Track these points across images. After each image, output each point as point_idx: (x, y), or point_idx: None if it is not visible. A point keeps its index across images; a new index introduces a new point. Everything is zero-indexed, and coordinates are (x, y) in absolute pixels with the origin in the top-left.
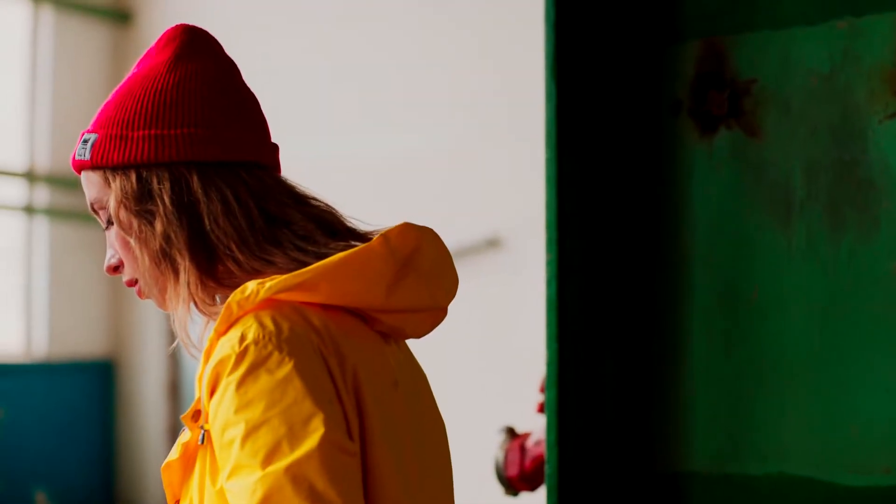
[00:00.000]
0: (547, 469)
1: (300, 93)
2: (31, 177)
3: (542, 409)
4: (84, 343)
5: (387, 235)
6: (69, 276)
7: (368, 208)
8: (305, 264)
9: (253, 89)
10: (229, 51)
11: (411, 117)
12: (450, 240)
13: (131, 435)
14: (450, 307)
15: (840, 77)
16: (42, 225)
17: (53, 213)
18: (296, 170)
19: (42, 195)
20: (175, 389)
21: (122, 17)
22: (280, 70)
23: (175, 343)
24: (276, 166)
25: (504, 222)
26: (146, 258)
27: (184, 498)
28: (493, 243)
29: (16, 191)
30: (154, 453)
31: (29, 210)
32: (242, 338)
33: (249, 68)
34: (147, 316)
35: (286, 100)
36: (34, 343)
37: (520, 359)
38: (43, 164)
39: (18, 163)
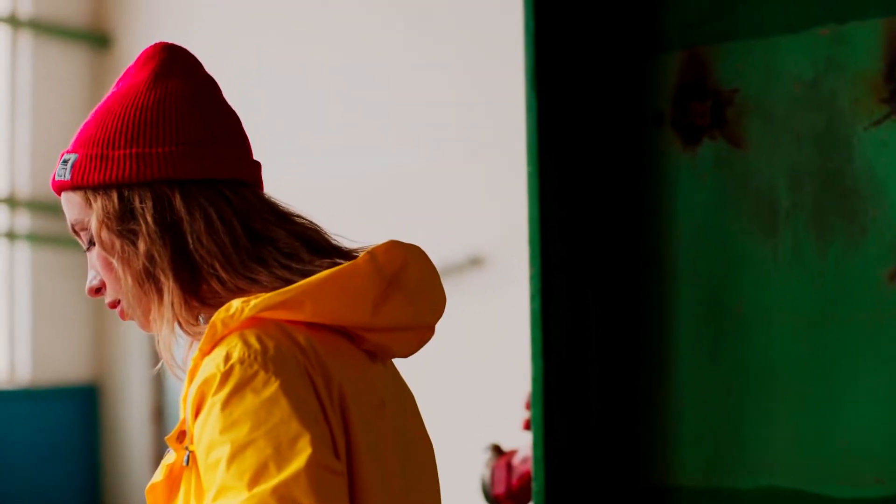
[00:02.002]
0: (534, 486)
1: (281, 113)
2: (12, 202)
3: (528, 425)
4: (68, 368)
5: (373, 253)
6: (52, 301)
7: (351, 227)
8: (290, 282)
9: (234, 110)
10: (210, 73)
11: (392, 136)
12: (433, 258)
13: (116, 459)
14: (437, 326)
15: (824, 85)
16: (24, 250)
17: (35, 238)
18: (279, 190)
19: (23, 221)
20: (159, 413)
21: (100, 41)
22: (261, 91)
23: (159, 365)
24: (259, 183)
25: (487, 240)
26: (129, 278)
27: None
28: (476, 261)
29: None
30: (139, 477)
31: (10, 236)
32: (227, 357)
33: (231, 90)
34: (131, 339)
35: (268, 121)
36: (17, 369)
37: (505, 376)
38: (24, 189)
39: None
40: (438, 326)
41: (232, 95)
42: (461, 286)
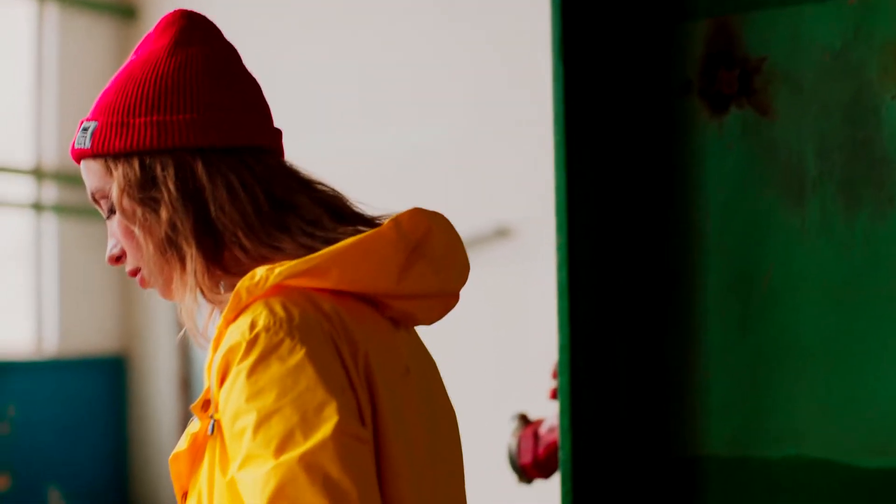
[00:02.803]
0: (561, 455)
1: (308, 89)
2: (38, 174)
3: (554, 395)
4: (94, 339)
5: (398, 220)
6: (78, 272)
7: (379, 201)
8: (314, 250)
9: (254, 77)
10: (232, 43)
11: (419, 109)
12: (460, 230)
13: (143, 430)
14: (462, 297)
15: (852, 54)
16: (50, 222)
17: (62, 209)
18: (305, 164)
19: (50, 192)
20: (186, 384)
21: (127, 13)
22: (286, 67)
23: (182, 332)
24: (280, 151)
25: (514, 211)
26: (150, 246)
27: (192, 489)
28: (502, 233)
29: (23, 188)
30: (166, 448)
31: (37, 207)
32: (253, 325)
33: (255, 65)
34: (157, 311)
35: (293, 97)
36: (44, 340)
37: (532, 347)
38: (50, 160)
39: (26, 160)
40: (466, 297)
41: (256, 68)
42: (488, 257)
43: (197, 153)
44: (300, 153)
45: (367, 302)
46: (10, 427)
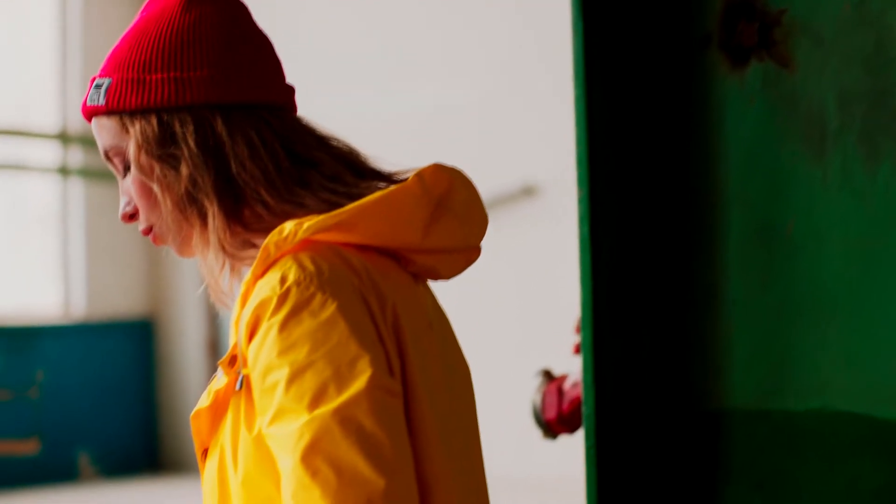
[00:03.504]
0: (584, 410)
1: (333, 48)
2: (63, 138)
3: (578, 350)
4: (122, 302)
5: (420, 175)
6: (105, 235)
7: (405, 160)
8: (337, 205)
9: (286, 46)
10: (262, 8)
11: (444, 67)
12: (486, 188)
13: (171, 393)
14: (487, 255)
15: (872, 3)
16: (77, 186)
17: (87, 173)
18: (330, 124)
19: (76, 156)
20: (214, 346)
21: None
22: (312, 25)
23: (202, 287)
24: (294, 108)
25: (540, 169)
26: (169, 203)
27: (213, 446)
28: (528, 191)
29: (49, 152)
30: None
31: (63, 171)
32: (283, 279)
33: (282, 23)
34: (185, 273)
35: (319, 55)
36: (72, 304)
37: (557, 304)
38: (75, 124)
39: (51, 124)
40: (492, 255)
41: (283, 29)
42: (514, 216)
43: (216, 110)
44: (325, 111)
45: (390, 256)
46: (39, 392)
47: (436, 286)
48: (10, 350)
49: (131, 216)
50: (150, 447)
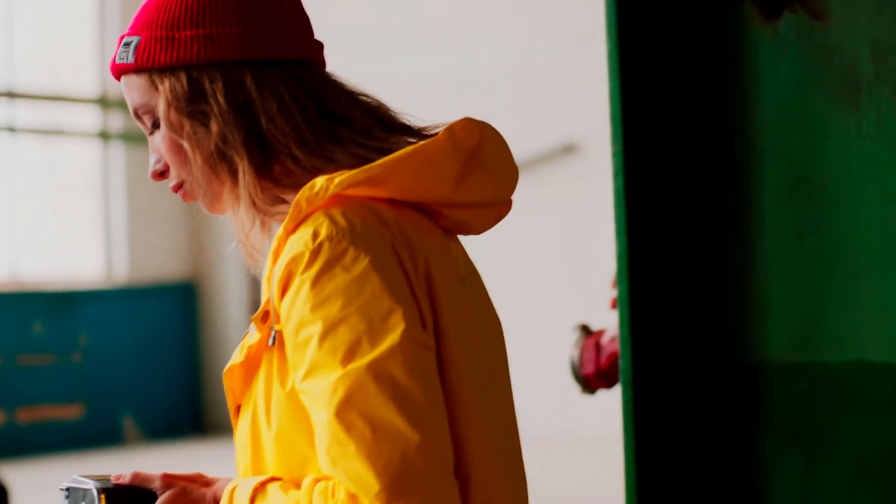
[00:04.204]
0: (621, 363)
1: (373, 11)
2: (103, 102)
3: (615, 304)
4: (164, 266)
5: (451, 129)
6: (147, 199)
7: (446, 120)
8: (367, 160)
9: (325, 8)
10: None
11: (483, 28)
12: (526, 147)
13: (215, 355)
14: (528, 212)
15: None
16: (117, 150)
17: (128, 137)
18: (369, 87)
19: (116, 120)
20: (257, 308)
21: None
22: None
23: (233, 245)
24: (323, 63)
25: (580, 128)
26: (199, 160)
27: (246, 402)
28: (569, 149)
29: (90, 117)
30: None
31: (104, 136)
32: (315, 234)
33: None
34: (227, 236)
35: (358, 18)
36: (114, 268)
37: (597, 261)
38: (115, 89)
39: (91, 89)
40: (532, 212)
41: None
42: (554, 174)
43: (245, 66)
44: (362, 75)
45: (421, 211)
46: (82, 356)
47: (476, 242)
48: (53, 315)
49: (161, 174)
50: (194, 409)
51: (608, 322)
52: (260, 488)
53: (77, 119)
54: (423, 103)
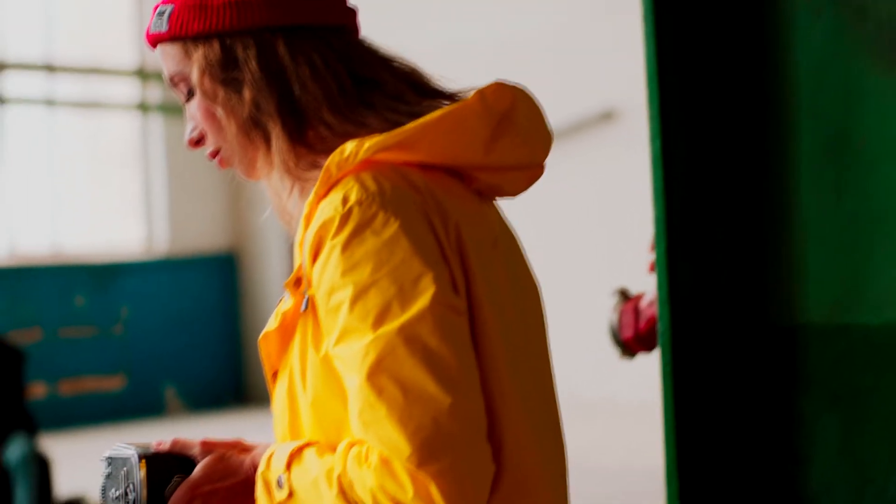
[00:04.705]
0: (660, 326)
1: None
2: (142, 74)
3: (653, 268)
4: (205, 237)
5: (482, 92)
6: (186, 171)
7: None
8: (399, 124)
9: None
10: None
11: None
12: (565, 114)
13: (255, 326)
14: (567, 178)
15: None
16: (157, 122)
17: (167, 109)
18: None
19: (155, 92)
20: None
21: None
22: None
23: (268, 211)
24: (356, 29)
25: (618, 95)
26: (234, 126)
27: (282, 369)
28: (607, 116)
29: (128, 89)
30: None
31: (143, 107)
32: (345, 199)
33: None
34: (267, 207)
35: None
36: (155, 240)
37: (636, 226)
38: (154, 61)
39: (129, 61)
40: (572, 177)
41: None
42: (593, 140)
43: (277, 32)
44: (401, 43)
45: (453, 175)
46: (124, 328)
47: (514, 208)
48: (94, 287)
49: (197, 141)
50: (235, 380)
51: (647, 286)
52: (296, 453)
53: (116, 91)
54: (461, 71)
